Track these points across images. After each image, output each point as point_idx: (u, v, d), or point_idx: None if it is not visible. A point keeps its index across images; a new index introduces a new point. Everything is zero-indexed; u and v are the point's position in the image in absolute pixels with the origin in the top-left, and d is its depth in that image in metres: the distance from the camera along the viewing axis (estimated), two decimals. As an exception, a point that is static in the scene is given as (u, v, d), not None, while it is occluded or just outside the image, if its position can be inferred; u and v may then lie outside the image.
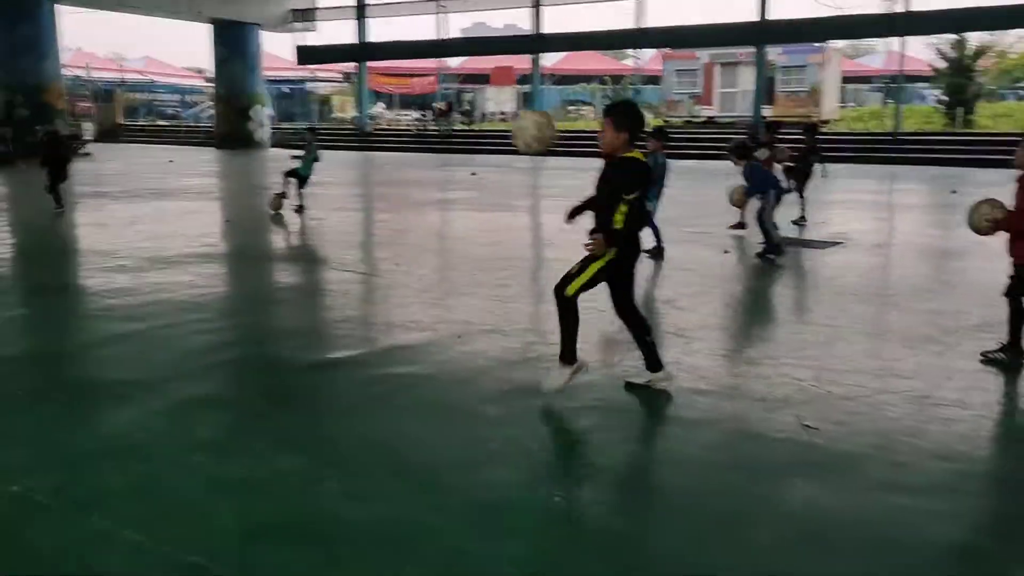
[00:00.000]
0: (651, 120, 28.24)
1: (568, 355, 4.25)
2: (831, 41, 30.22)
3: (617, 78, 40.33)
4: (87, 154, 25.23)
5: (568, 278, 4.17)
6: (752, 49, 31.08)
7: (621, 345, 5.00)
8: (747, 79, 32.83)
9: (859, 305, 6.52)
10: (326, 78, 48.12)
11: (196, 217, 11.98)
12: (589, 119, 43.78)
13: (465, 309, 6.31)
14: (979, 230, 4.89)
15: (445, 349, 5.26)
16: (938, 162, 20.98)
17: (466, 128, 30.92)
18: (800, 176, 10.58)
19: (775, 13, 24.74)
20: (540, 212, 13.69)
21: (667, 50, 33.85)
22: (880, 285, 7.56)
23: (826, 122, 30.98)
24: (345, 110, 49.15)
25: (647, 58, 47.39)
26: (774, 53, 31.81)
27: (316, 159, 12.10)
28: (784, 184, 9.29)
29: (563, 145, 27.09)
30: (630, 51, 48.26)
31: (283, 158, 12.82)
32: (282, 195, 11.92)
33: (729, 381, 4.72)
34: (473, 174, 19.20)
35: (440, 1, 28.86)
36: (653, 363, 4.38)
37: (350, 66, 45.41)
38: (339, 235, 10.54)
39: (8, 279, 8.00)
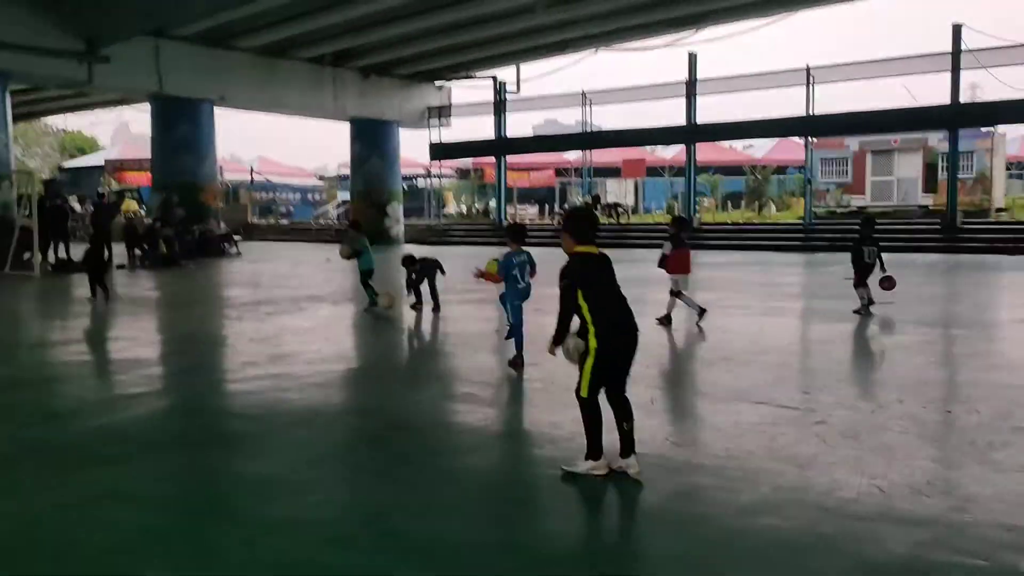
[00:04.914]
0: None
1: (592, 451, 4.47)
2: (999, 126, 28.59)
3: (754, 168, 39.19)
4: (238, 254, 24.68)
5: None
6: (914, 135, 29.70)
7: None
8: (905, 166, 31.17)
9: None
10: (436, 174, 48.02)
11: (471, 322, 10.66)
12: (709, 211, 42.47)
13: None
14: None
15: None
16: None
17: (612, 224, 29.69)
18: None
19: (966, 96, 23.14)
20: (816, 317, 11.99)
21: (813, 139, 32.54)
22: None
23: (1003, 209, 28.97)
24: (449, 204, 48.84)
25: (768, 147, 46.20)
26: (935, 139, 30.22)
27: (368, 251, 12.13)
28: None
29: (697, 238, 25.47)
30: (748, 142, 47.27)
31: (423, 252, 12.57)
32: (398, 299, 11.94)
33: None
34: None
35: (588, 94, 28.20)
36: (626, 449, 4.52)
37: (467, 162, 45.34)
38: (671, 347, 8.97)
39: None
